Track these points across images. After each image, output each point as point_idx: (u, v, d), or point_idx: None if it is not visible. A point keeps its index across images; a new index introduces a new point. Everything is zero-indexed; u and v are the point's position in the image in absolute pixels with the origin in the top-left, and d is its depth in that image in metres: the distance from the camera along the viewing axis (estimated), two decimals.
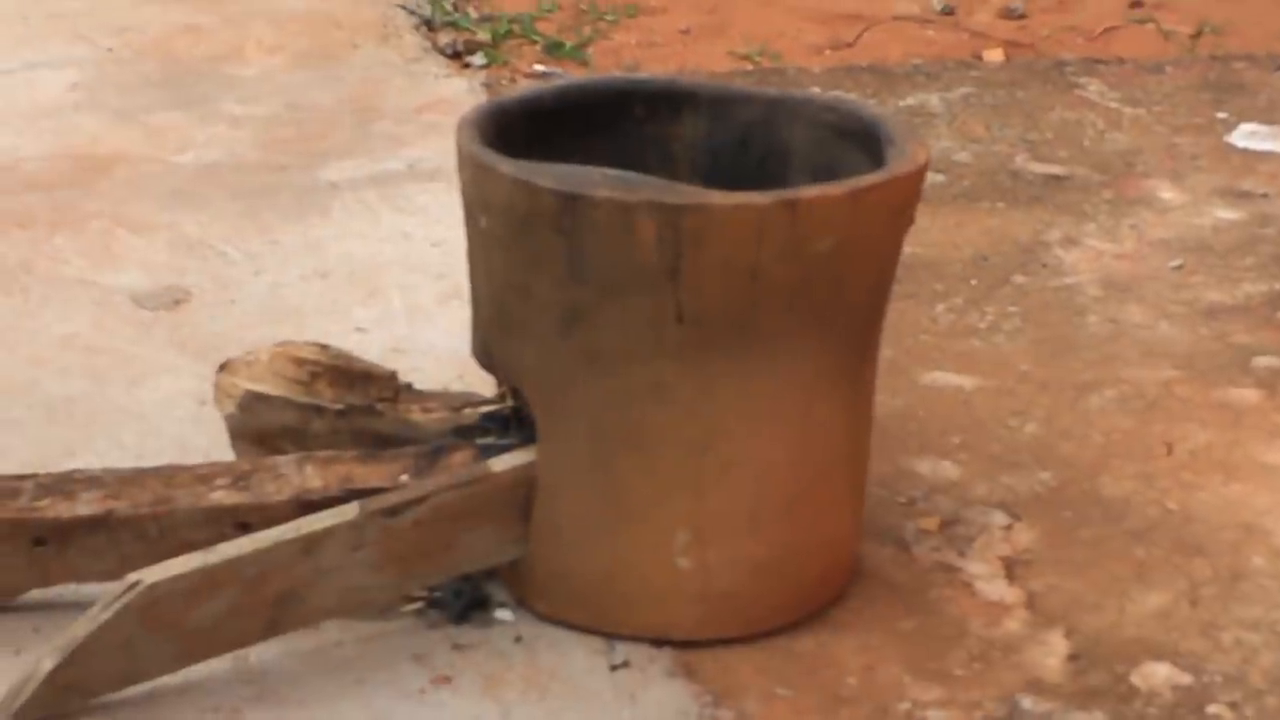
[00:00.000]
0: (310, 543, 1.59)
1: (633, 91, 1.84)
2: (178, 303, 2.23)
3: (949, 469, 1.95)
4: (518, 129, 1.70)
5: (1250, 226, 2.49)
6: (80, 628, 1.55)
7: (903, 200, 1.63)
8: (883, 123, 1.72)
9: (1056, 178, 2.63)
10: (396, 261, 2.34)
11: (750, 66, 3.29)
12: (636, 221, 1.52)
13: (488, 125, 1.67)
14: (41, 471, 1.72)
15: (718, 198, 1.52)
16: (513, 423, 1.69)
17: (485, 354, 1.69)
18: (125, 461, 1.87)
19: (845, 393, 1.67)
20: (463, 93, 2.95)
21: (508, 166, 1.56)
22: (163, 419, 1.99)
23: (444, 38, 3.42)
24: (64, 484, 1.68)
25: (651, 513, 1.63)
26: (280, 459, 1.69)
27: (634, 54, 3.44)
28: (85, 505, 1.65)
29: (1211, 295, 2.32)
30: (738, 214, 1.52)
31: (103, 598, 1.55)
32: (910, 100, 3.03)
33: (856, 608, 1.73)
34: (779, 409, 1.62)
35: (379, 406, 1.72)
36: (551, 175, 1.54)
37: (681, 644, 1.66)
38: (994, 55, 3.27)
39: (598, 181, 1.53)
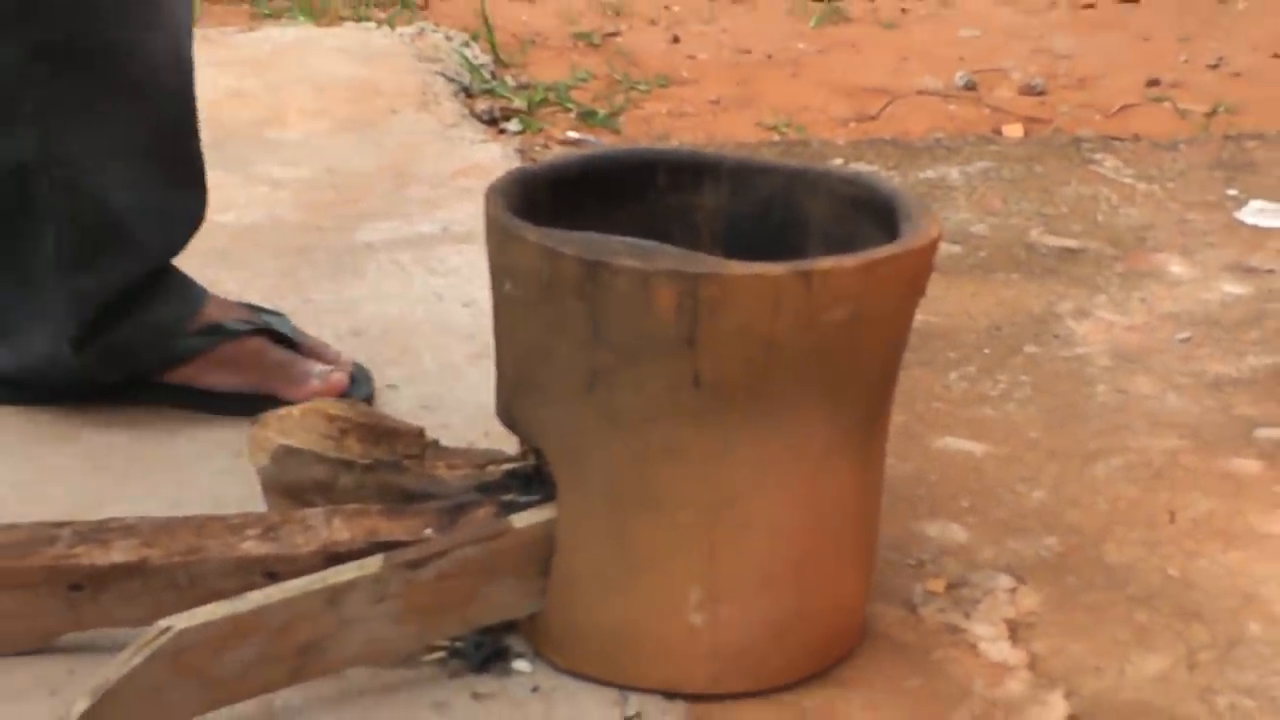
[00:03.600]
0: (335, 594, 1.60)
1: (657, 161, 1.85)
2: None
3: (957, 532, 1.96)
4: (545, 197, 1.71)
5: (1257, 301, 2.50)
6: (112, 671, 1.55)
7: (915, 273, 1.64)
8: (898, 197, 1.73)
9: (1070, 251, 2.64)
10: (428, 321, 2.36)
11: (776, 137, 3.30)
12: (656, 289, 1.53)
13: (515, 193, 1.68)
14: (79, 519, 1.73)
15: (735, 267, 1.53)
16: (534, 480, 1.69)
17: (508, 414, 1.71)
18: (160, 510, 1.88)
19: (856, 458, 1.67)
20: (497, 158, 2.97)
21: (533, 234, 1.58)
22: (198, 470, 2.00)
23: (481, 104, 3.43)
24: (100, 532, 1.69)
25: (666, 570, 1.64)
26: (309, 511, 1.71)
27: (664, 123, 3.46)
28: (120, 553, 1.67)
29: (1217, 368, 2.32)
30: (754, 283, 1.53)
31: (134, 643, 1.56)
32: (930, 173, 3.04)
33: (864, 666, 1.73)
34: (791, 473, 1.63)
35: (405, 463, 1.73)
36: (574, 243, 1.55)
37: (693, 698, 1.67)
38: (1013, 130, 3.28)
39: (619, 250, 1.54)
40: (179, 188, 2.07)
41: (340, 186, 2.77)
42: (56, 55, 1.93)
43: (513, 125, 3.34)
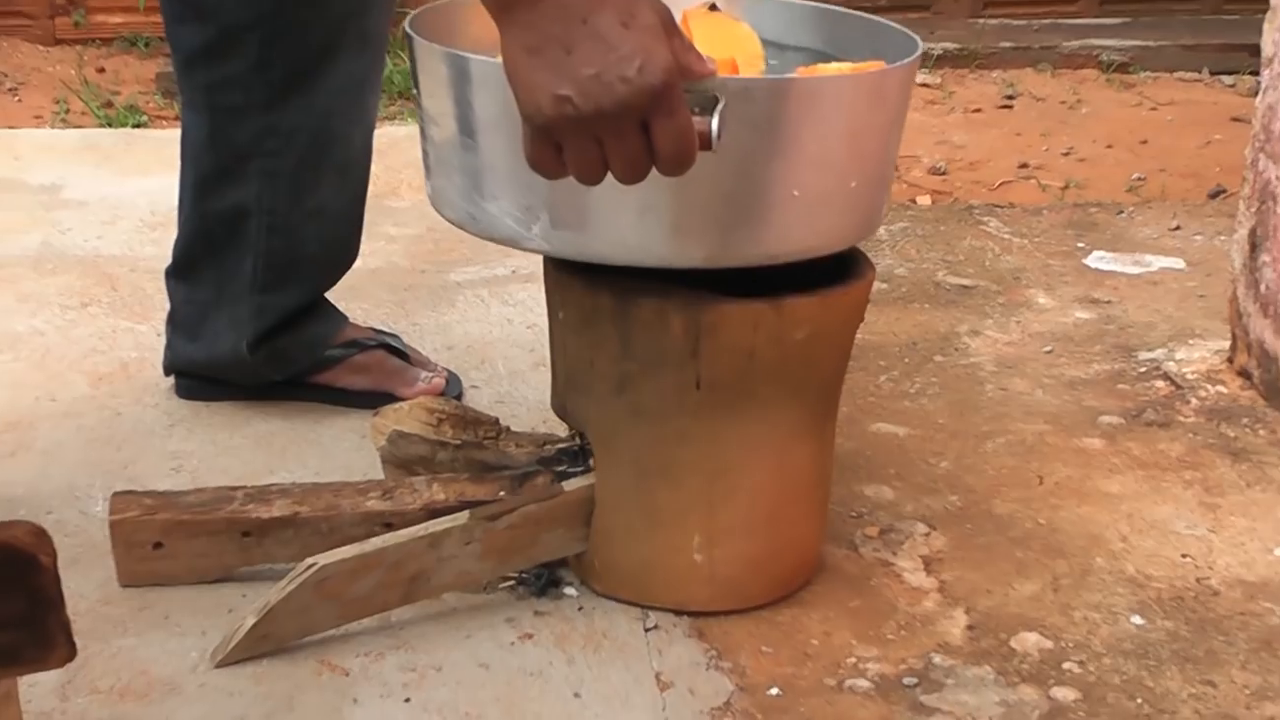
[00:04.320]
0: (435, 539, 1.59)
1: None
2: None
3: (886, 492, 1.93)
4: None
5: (1099, 324, 2.48)
6: (273, 595, 1.56)
7: (857, 303, 1.62)
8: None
9: (966, 287, 2.62)
10: (501, 339, 2.34)
11: None
12: (669, 317, 1.51)
13: None
14: (248, 484, 1.72)
15: (726, 301, 1.51)
16: (580, 456, 1.68)
17: (560, 408, 1.68)
18: (307, 478, 1.87)
19: (814, 439, 1.65)
20: None
21: (579, 278, 1.56)
22: (335, 448, 1.99)
23: None
24: (264, 493, 1.68)
25: (675, 522, 1.62)
26: (415, 479, 1.69)
27: None
28: (278, 509, 1.66)
29: (1071, 372, 2.30)
30: (740, 312, 1.52)
31: (289, 575, 1.56)
32: None
33: (820, 590, 1.72)
34: (767, 451, 1.61)
35: (485, 442, 1.72)
36: (610, 284, 1.53)
37: (695, 614, 1.65)
38: (924, 200, 3.25)
39: (641, 289, 1.52)
40: (346, 241, 2.07)
41: (438, 241, 2.75)
42: (289, 135, 1.93)
43: None
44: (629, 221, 1.43)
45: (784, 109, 1.40)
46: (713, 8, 1.62)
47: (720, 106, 1.29)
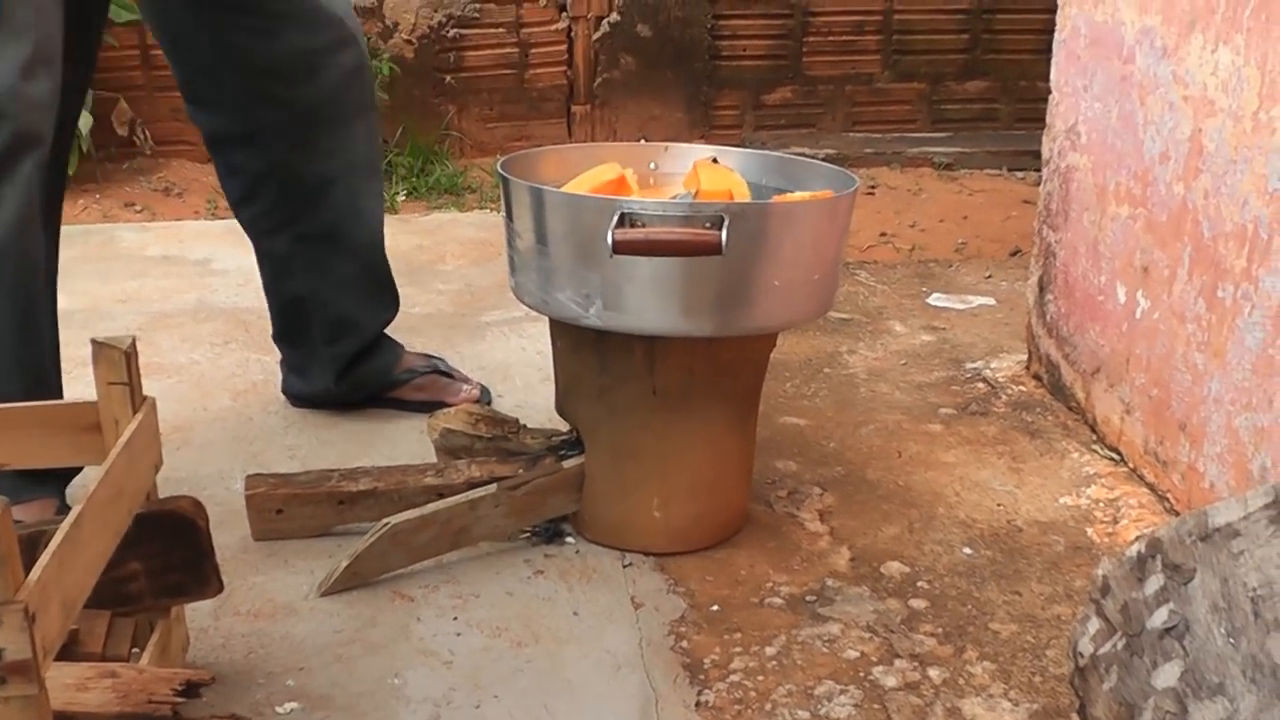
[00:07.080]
0: (473, 504, 1.57)
1: None
2: None
3: (792, 465, 1.92)
4: None
5: (938, 345, 2.48)
6: (360, 545, 1.54)
7: (770, 338, 1.61)
8: None
9: (845, 320, 2.61)
10: (519, 362, 2.32)
11: None
12: (633, 345, 1.50)
13: None
14: (341, 467, 1.70)
15: (673, 335, 1.49)
16: (575, 444, 1.65)
17: (560, 410, 1.67)
18: (383, 462, 1.85)
19: (741, 430, 1.64)
20: None
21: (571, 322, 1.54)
22: (403, 440, 1.96)
23: None
24: (354, 474, 1.66)
25: (639, 489, 1.60)
26: (459, 462, 1.67)
27: None
28: (363, 484, 1.64)
29: (919, 378, 2.29)
30: (683, 341, 1.50)
31: (371, 530, 1.55)
32: None
33: (746, 536, 1.70)
34: (703, 439, 1.59)
35: (509, 436, 1.70)
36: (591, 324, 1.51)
37: (657, 554, 1.63)
38: None
39: (615, 326, 1.50)
40: (381, 299, 2.03)
41: (474, 293, 2.73)
42: (313, 239, 1.91)
43: None
44: (659, 305, 1.42)
45: (768, 224, 1.41)
46: (714, 160, 1.66)
47: (726, 223, 1.34)
